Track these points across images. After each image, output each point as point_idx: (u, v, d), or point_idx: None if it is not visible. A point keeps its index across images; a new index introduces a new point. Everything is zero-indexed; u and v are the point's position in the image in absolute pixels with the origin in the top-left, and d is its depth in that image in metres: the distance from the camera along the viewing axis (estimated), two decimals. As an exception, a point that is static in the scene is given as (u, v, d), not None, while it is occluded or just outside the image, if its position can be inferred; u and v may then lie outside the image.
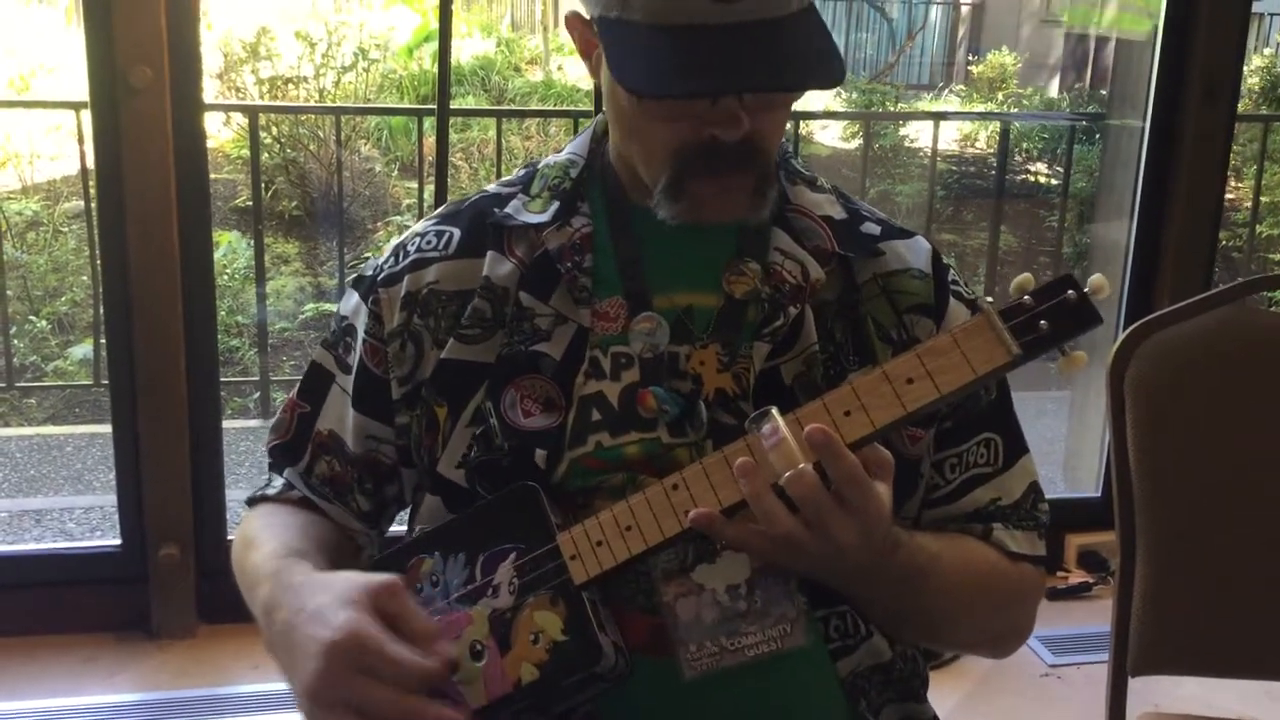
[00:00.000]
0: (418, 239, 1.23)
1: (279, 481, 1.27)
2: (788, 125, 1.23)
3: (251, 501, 1.27)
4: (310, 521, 1.22)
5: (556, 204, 1.19)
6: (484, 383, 1.15)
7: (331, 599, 0.99)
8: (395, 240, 1.27)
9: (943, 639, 1.21)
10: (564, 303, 1.16)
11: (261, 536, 1.17)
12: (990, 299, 1.00)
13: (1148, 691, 2.23)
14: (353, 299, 1.25)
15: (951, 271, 1.24)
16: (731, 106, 1.06)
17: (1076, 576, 3.15)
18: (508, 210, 1.20)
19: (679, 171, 1.10)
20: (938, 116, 6.51)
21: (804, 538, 0.96)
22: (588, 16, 1.12)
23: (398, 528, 1.29)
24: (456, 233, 1.21)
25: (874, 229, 1.23)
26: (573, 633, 1.02)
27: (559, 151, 1.25)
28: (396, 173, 7.28)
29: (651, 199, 1.14)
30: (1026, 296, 0.98)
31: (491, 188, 1.26)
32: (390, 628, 0.97)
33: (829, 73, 1.04)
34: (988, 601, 1.19)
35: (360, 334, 1.22)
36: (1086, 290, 0.97)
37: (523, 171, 1.26)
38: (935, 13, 14.25)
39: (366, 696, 0.95)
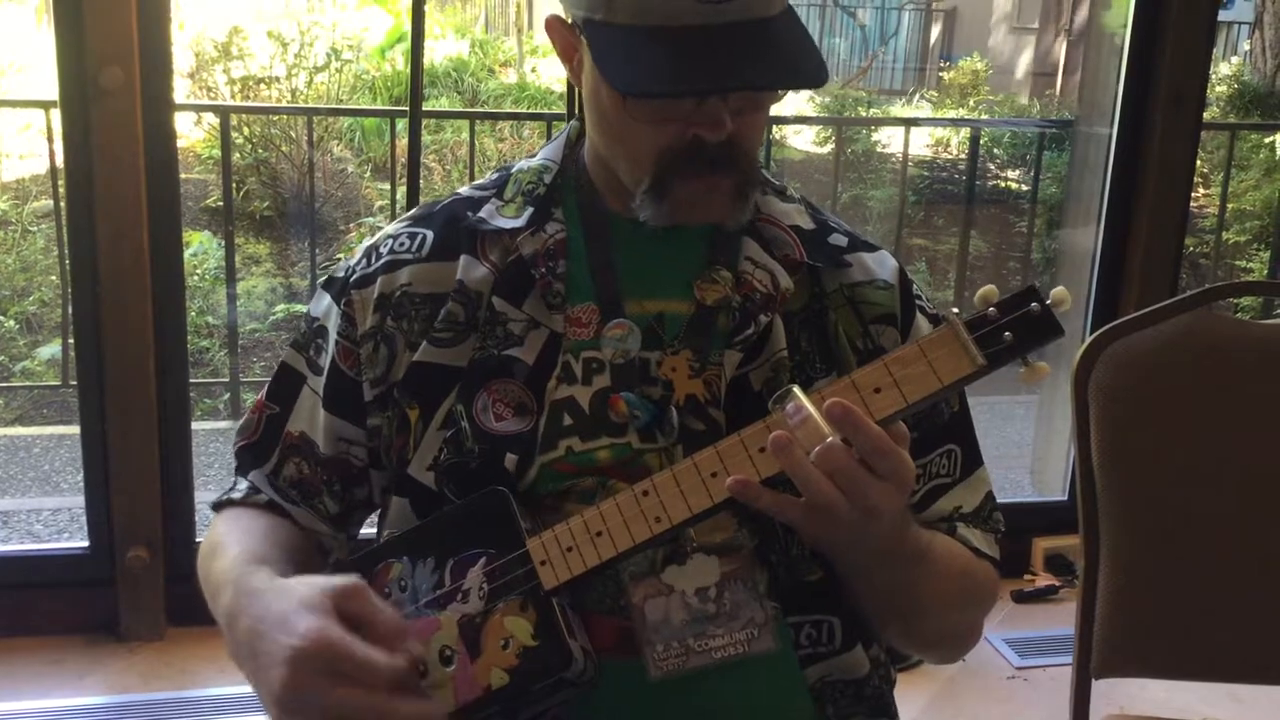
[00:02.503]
0: (390, 241, 1.23)
1: (244, 484, 1.26)
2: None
3: (217, 506, 1.27)
4: (276, 526, 1.22)
5: (530, 209, 1.20)
6: (456, 386, 1.15)
7: (294, 605, 0.98)
8: (367, 242, 1.27)
9: (924, 632, 1.21)
10: (537, 308, 1.16)
11: (225, 542, 1.16)
12: (956, 309, 1.01)
13: (1113, 694, 2.26)
14: (324, 300, 1.25)
15: (915, 286, 1.26)
16: (716, 107, 1.07)
17: (1043, 579, 3.17)
18: (481, 214, 1.21)
19: (663, 173, 1.11)
20: (909, 122, 6.54)
21: (841, 506, 0.97)
22: (569, 20, 1.13)
23: (366, 530, 1.29)
24: (429, 235, 1.22)
25: (841, 240, 1.24)
26: (543, 638, 1.02)
27: (532, 156, 1.26)
28: (369, 174, 7.25)
29: (626, 204, 1.16)
30: (991, 308, 1.00)
31: (464, 191, 1.27)
32: (354, 629, 0.97)
33: (816, 71, 1.06)
34: (963, 593, 1.21)
35: (333, 335, 1.22)
36: (1049, 302, 1.00)
37: (495, 175, 1.27)
38: (907, 18, 14.32)
39: (337, 700, 0.94)
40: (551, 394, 1.14)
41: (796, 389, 1.00)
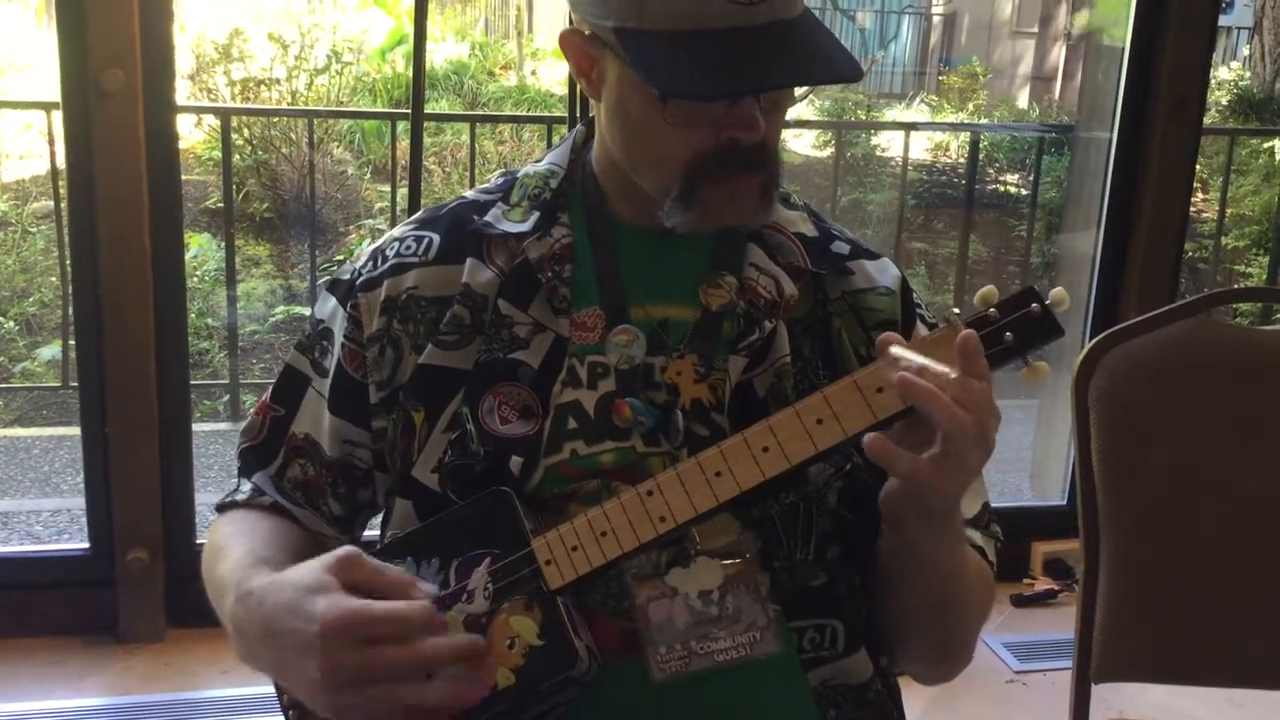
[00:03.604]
0: (396, 244, 1.23)
1: (248, 486, 1.26)
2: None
3: (221, 508, 1.27)
4: (279, 527, 1.22)
5: (537, 214, 1.20)
6: (462, 388, 1.16)
7: (298, 592, 1.00)
8: (372, 245, 1.27)
9: (958, 630, 1.20)
10: (543, 312, 1.17)
11: (228, 545, 1.17)
12: (957, 310, 1.02)
13: (1112, 697, 2.26)
14: (329, 303, 1.25)
15: (916, 295, 1.26)
16: (749, 108, 1.08)
17: (1042, 583, 3.18)
18: (487, 218, 1.21)
19: (693, 178, 1.10)
20: (909, 127, 6.54)
21: (976, 434, 0.98)
22: (587, 32, 1.13)
23: (370, 533, 1.29)
24: (436, 238, 1.22)
25: (843, 248, 1.25)
26: (548, 637, 1.03)
27: (538, 161, 1.26)
28: (369, 176, 7.26)
29: (634, 210, 1.17)
30: (991, 309, 1.01)
31: (470, 194, 1.27)
32: (362, 595, 0.99)
33: (850, 66, 1.07)
34: (982, 589, 1.21)
35: (338, 338, 1.23)
36: (1048, 302, 1.01)
37: (501, 179, 1.27)
38: (907, 23, 14.34)
39: (377, 662, 0.96)
40: (557, 398, 1.15)
41: (895, 349, 1.00)
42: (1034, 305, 1.02)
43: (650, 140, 1.11)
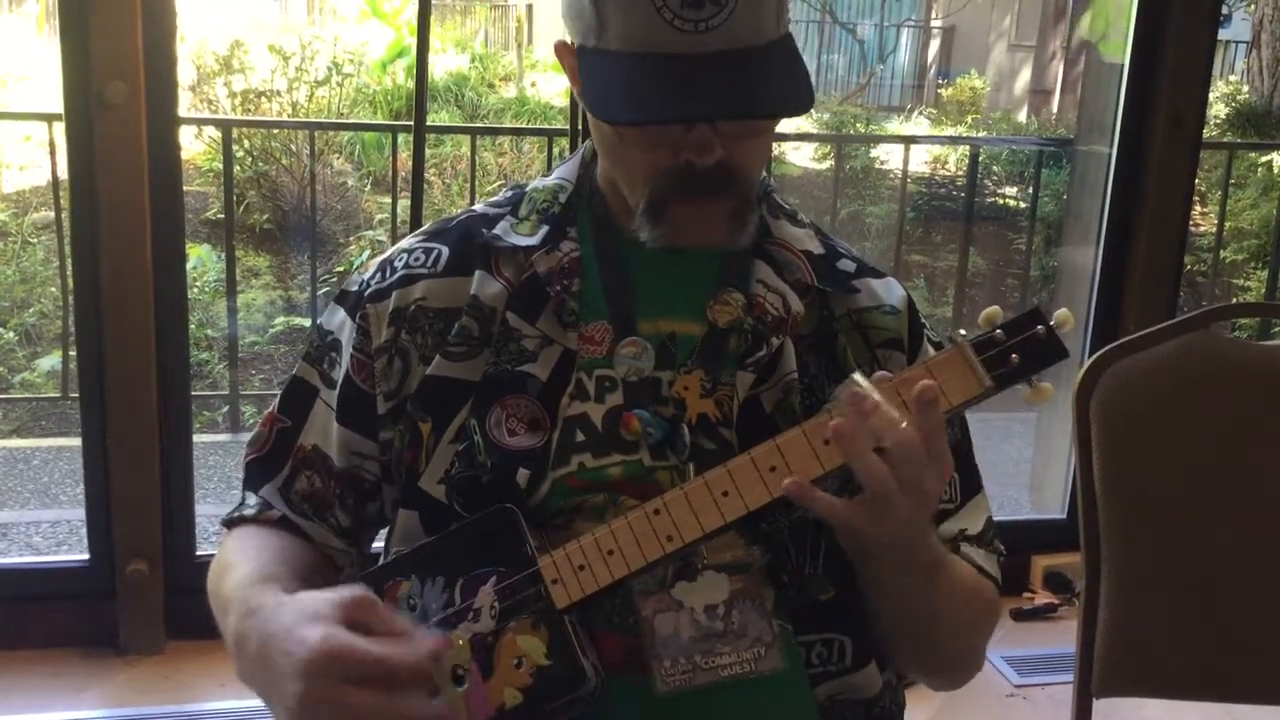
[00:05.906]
0: (405, 255, 1.24)
1: (255, 500, 1.26)
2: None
3: (229, 523, 1.27)
4: (288, 544, 1.22)
5: (545, 228, 1.21)
6: (469, 400, 1.16)
7: (299, 618, 0.98)
8: (381, 256, 1.27)
9: (936, 652, 1.21)
10: (551, 325, 1.17)
11: (234, 561, 1.16)
12: (963, 331, 1.03)
13: (1112, 712, 2.25)
14: (338, 314, 1.25)
15: (921, 315, 1.27)
16: (704, 133, 1.08)
17: (1042, 597, 3.18)
18: (496, 231, 1.22)
19: (657, 195, 1.12)
20: (909, 140, 6.56)
21: (898, 495, 0.98)
22: (574, 45, 1.14)
23: (378, 544, 1.29)
24: (444, 251, 1.23)
25: (849, 266, 1.25)
26: (556, 657, 1.03)
27: (546, 175, 1.27)
28: (369, 187, 7.27)
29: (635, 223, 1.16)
30: (997, 330, 1.02)
31: (479, 207, 1.28)
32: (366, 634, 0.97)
33: (796, 101, 1.07)
34: (972, 612, 1.21)
35: (347, 349, 1.23)
36: (1053, 324, 1.02)
37: (510, 193, 1.28)
38: (905, 36, 14.39)
39: (353, 703, 0.94)
40: (564, 410, 1.15)
41: (858, 376, 1.01)
42: (1039, 327, 1.02)
43: (616, 155, 1.14)
